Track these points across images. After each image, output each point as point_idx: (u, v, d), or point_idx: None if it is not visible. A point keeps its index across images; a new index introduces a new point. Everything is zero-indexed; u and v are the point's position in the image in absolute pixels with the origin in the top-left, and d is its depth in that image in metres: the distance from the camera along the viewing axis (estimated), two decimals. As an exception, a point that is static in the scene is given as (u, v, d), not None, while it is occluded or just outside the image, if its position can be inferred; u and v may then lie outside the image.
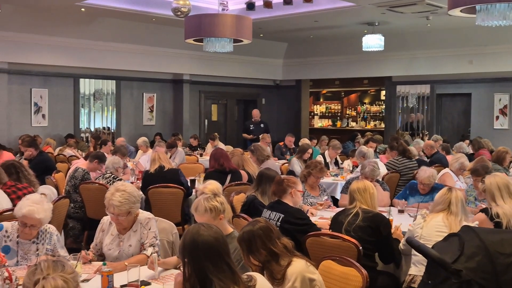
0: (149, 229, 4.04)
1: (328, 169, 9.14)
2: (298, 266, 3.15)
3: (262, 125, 13.30)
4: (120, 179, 6.78)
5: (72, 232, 7.06)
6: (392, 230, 4.66)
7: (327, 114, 21.27)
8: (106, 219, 4.18)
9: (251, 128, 13.34)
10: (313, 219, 5.17)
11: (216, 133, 13.04)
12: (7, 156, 8.38)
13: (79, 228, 7.09)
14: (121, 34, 12.89)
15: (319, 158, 9.37)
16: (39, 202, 3.91)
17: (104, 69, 13.57)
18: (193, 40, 8.64)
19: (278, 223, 4.53)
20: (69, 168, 8.39)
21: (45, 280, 2.07)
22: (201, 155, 11.99)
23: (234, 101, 17.42)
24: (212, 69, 15.28)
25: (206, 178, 6.58)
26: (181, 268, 2.63)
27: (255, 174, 7.21)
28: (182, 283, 2.57)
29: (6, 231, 3.94)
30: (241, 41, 8.55)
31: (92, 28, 12.33)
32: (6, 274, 3.37)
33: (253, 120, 13.56)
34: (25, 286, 2.14)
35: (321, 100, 21.76)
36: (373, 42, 12.50)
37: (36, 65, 12.46)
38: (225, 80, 16.28)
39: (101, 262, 3.70)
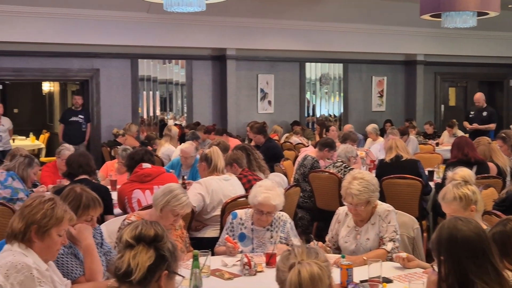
0: (389, 223, 4.00)
1: None
2: None
3: (484, 113, 11.66)
4: (351, 169, 6.84)
5: (301, 222, 7.32)
6: None
7: None
8: (342, 210, 4.24)
9: (470, 115, 12.00)
10: None
11: (454, 120, 12.49)
12: (234, 142, 8.98)
13: (308, 218, 7.33)
14: (349, 14, 12.98)
15: None
16: (272, 188, 4.12)
17: (331, 52, 13.81)
18: (430, 16, 8.35)
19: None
20: (297, 156, 8.71)
21: (301, 265, 2.17)
22: (437, 144, 11.61)
23: (476, 84, 16.51)
24: (451, 47, 14.65)
25: (447, 169, 6.33)
26: (434, 267, 2.56)
27: (505, 166, 6.78)
28: (437, 283, 2.49)
29: (241, 219, 4.21)
30: (487, 13, 8.04)
31: (319, 9, 12.60)
32: (245, 260, 3.61)
33: (476, 105, 11.95)
34: (279, 270, 2.26)
35: None
36: None
37: (263, 50, 13.16)
38: (466, 60, 15.48)
39: (339, 255, 3.76)
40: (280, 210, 4.25)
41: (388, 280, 3.45)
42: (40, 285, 2.69)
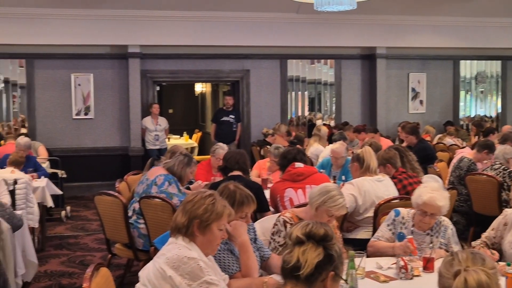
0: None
1: None
2: None
3: None
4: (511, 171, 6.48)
5: (456, 227, 6.99)
6: None
7: None
8: (509, 212, 4.01)
9: None
10: None
11: None
12: (385, 143, 8.82)
13: (464, 223, 7.02)
14: (507, 7, 12.26)
15: None
16: (438, 189, 4.00)
17: (488, 49, 13.14)
18: None
19: None
20: (451, 158, 8.39)
21: (467, 272, 2.07)
22: None
23: None
24: None
25: None
26: None
27: None
28: None
29: (403, 218, 4.10)
30: None
31: (474, 3, 12.00)
32: (401, 263, 3.51)
33: None
34: (443, 276, 2.17)
35: None
36: None
37: (414, 48, 12.81)
38: None
39: (504, 263, 3.56)
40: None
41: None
42: (208, 274, 2.80)
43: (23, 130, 11.13)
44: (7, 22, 10.63)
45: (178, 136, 15.43)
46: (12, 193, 6.19)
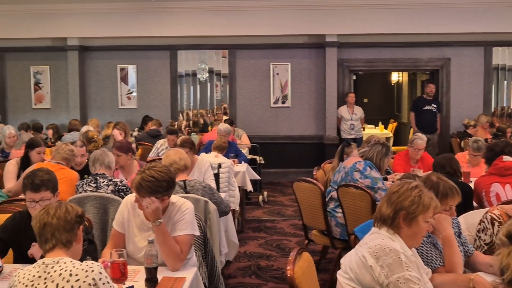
0: None
1: None
2: None
3: None
4: None
5: None
6: None
7: None
8: None
9: None
10: None
11: None
12: None
13: None
14: None
15: None
16: None
17: None
18: None
19: None
20: None
21: None
22: None
23: None
24: None
25: None
26: None
27: None
28: None
29: None
30: None
31: None
32: None
33: None
34: None
35: None
36: None
37: None
38: None
39: None
40: None
41: None
42: (408, 270, 2.75)
43: (225, 118, 11.76)
44: (212, 15, 11.30)
45: (373, 126, 15.29)
46: (216, 176, 6.57)
